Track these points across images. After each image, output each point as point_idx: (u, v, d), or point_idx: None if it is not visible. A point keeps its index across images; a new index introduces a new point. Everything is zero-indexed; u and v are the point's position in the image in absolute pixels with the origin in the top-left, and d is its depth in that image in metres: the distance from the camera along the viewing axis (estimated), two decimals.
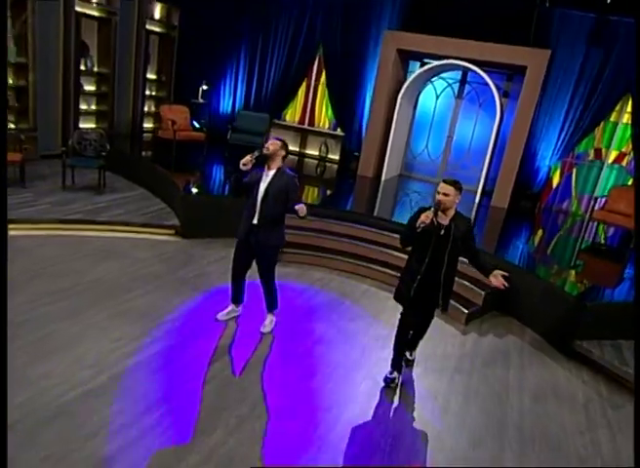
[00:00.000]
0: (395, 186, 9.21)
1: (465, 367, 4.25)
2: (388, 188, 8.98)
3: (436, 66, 8.58)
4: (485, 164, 8.57)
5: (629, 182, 8.41)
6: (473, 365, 4.29)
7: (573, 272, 6.21)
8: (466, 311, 5.11)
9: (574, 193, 8.94)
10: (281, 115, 10.57)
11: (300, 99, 10.42)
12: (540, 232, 8.04)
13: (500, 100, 8.38)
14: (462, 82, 9.49)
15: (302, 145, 10.64)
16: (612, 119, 8.45)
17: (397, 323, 3.81)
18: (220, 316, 4.25)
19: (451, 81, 9.57)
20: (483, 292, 5.32)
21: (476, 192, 8.89)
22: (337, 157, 10.31)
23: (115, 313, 4.16)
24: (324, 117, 10.43)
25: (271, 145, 3.76)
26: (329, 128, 10.46)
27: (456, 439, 3.39)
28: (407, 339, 3.92)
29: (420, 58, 9.27)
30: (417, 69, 9.18)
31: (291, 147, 9.95)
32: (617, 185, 8.07)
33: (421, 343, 4.16)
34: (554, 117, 8.55)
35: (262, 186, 3.75)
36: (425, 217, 3.31)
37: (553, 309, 5.04)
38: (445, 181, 3.45)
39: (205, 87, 10.04)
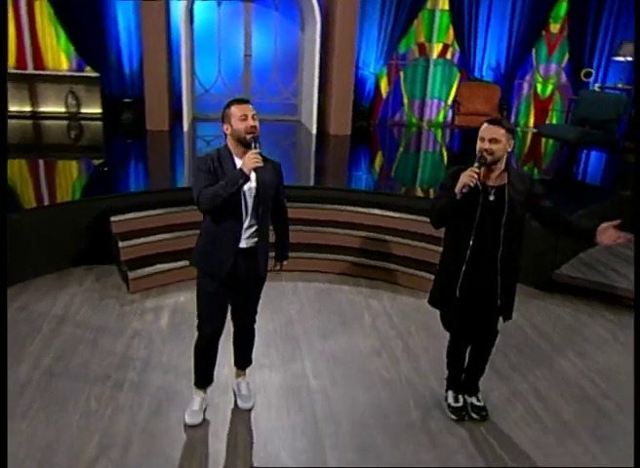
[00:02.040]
0: (209, 138, 8.06)
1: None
2: (204, 140, 7.87)
3: None
4: (314, 85, 7.84)
5: (456, 76, 8.72)
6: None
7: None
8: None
9: (405, 101, 8.98)
10: None
11: (12, 29, 7.73)
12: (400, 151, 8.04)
13: None
14: None
15: (34, 102, 8.20)
16: (428, 6, 8.51)
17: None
18: (191, 418, 3.13)
19: None
20: (439, 248, 4.73)
21: (299, 121, 8.23)
22: (96, 110, 8.21)
23: None
24: (58, 52, 8.06)
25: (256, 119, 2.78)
26: (70, 69, 8.13)
27: None
28: (463, 355, 3.32)
29: None
30: None
31: (16, 107, 7.67)
32: (462, 83, 8.26)
33: None
34: (369, 13, 8.22)
35: (249, 185, 2.80)
36: (470, 178, 2.76)
37: None
38: (491, 122, 2.85)
39: None
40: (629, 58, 7.94)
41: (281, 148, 7.61)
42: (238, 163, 2.77)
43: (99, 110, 8.41)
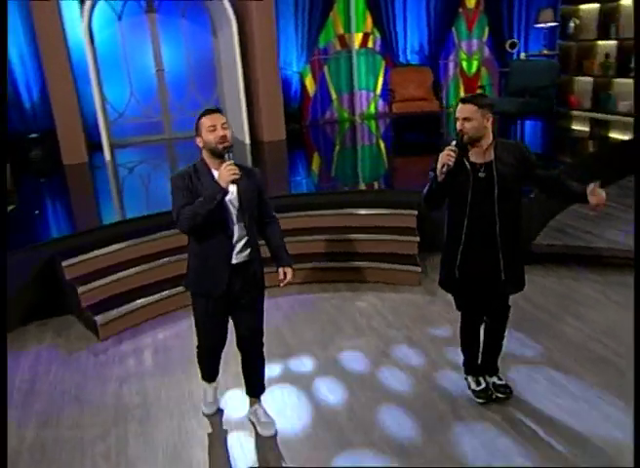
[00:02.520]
0: (131, 164, 7.92)
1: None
2: (128, 167, 7.68)
3: None
4: (240, 92, 7.91)
5: (381, 64, 9.04)
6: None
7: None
8: (418, 269, 5.01)
9: (334, 96, 9.18)
10: None
11: None
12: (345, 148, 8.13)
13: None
14: None
15: None
16: None
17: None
18: (208, 409, 3.48)
19: None
20: (417, 238, 4.96)
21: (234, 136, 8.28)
22: None
23: None
24: None
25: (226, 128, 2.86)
26: None
27: None
28: (477, 335, 3.47)
29: None
30: None
31: None
32: (393, 70, 8.56)
33: None
34: (282, 11, 8.37)
35: (230, 197, 2.87)
36: (448, 158, 2.92)
37: None
38: (462, 101, 3.03)
39: None
40: (550, 24, 8.52)
41: None
42: (216, 174, 2.82)
43: None
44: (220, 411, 3.50)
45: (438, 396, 3.54)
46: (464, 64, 9.78)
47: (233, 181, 2.75)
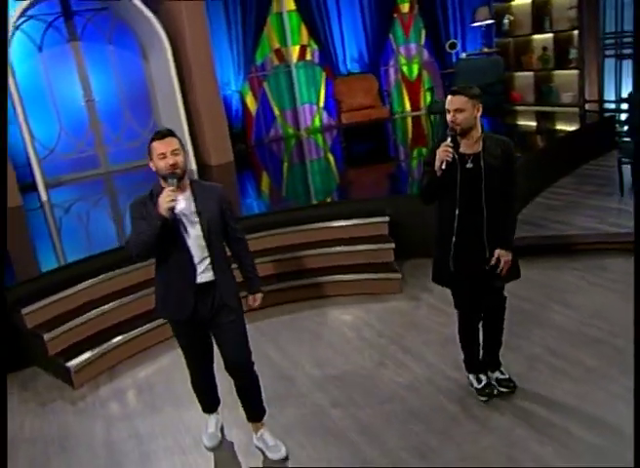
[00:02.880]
0: (69, 203, 7.78)
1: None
2: (66, 206, 7.57)
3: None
4: (181, 116, 7.91)
5: (322, 76, 9.28)
6: None
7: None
8: (398, 275, 5.16)
9: (277, 112, 9.35)
10: None
11: None
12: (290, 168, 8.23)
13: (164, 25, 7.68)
14: (68, 15, 8.22)
15: None
16: (275, 10, 9.00)
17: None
18: (210, 441, 3.49)
19: (50, 18, 8.17)
20: (392, 245, 5.22)
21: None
22: None
23: None
24: None
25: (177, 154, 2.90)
26: None
27: None
28: (476, 332, 3.61)
29: None
30: None
31: None
32: (337, 80, 8.77)
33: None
34: (214, 28, 8.48)
35: (189, 217, 2.97)
36: (445, 153, 3.09)
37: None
38: (453, 93, 3.14)
39: None
40: (487, 22, 8.97)
41: None
42: None
43: None
44: (223, 443, 3.52)
45: (445, 398, 3.64)
46: (405, 69, 10.14)
47: (171, 208, 2.80)
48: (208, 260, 3.00)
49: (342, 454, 3.29)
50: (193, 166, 8.25)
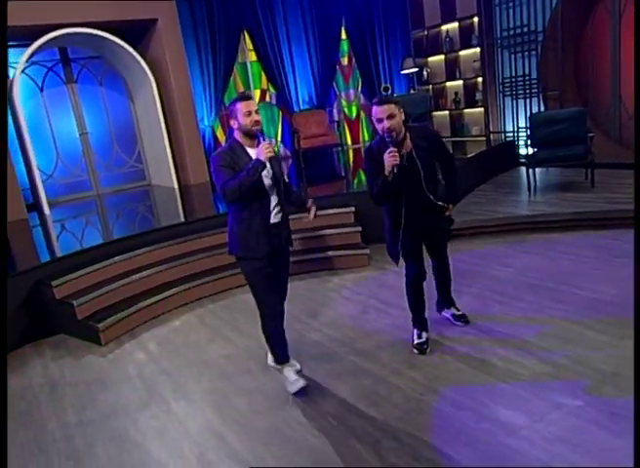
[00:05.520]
0: (67, 220, 7.62)
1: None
2: (62, 224, 7.43)
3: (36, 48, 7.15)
4: (165, 145, 8.00)
5: (279, 114, 9.54)
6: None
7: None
8: (367, 251, 5.33)
9: None
10: None
11: None
12: None
13: (152, 68, 7.79)
14: (65, 62, 8.19)
15: None
16: (240, 60, 9.24)
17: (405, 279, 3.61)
18: (294, 386, 3.19)
19: (50, 64, 8.11)
20: (359, 228, 5.38)
21: (150, 184, 8.81)
22: None
23: None
24: None
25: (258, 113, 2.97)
26: None
27: None
28: (422, 291, 3.60)
29: None
30: None
31: None
32: (295, 114, 9.02)
33: None
34: (193, 73, 8.64)
35: (265, 172, 2.96)
36: (393, 158, 3.00)
37: None
38: (380, 103, 3.08)
39: None
40: (412, 70, 9.50)
41: (147, 208, 7.57)
42: (250, 152, 2.94)
43: None
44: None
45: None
46: (346, 110, 10.53)
47: (270, 158, 2.85)
48: (279, 207, 3.07)
49: (336, 368, 3.43)
50: (175, 185, 8.26)
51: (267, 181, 2.99)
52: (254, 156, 2.88)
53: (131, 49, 7.75)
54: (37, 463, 2.88)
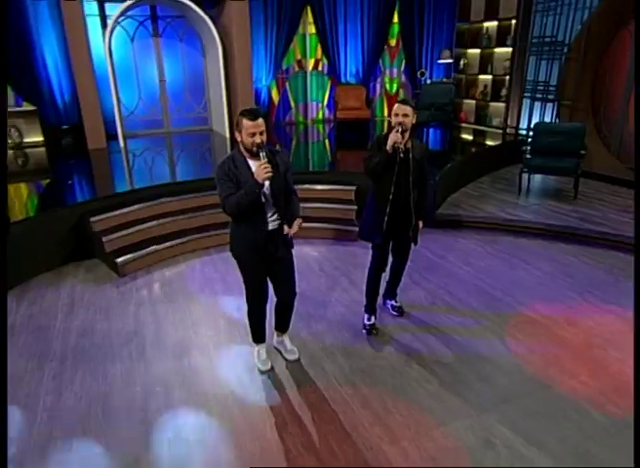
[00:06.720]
0: (143, 148, 7.45)
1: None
2: (137, 152, 7.24)
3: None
4: (223, 98, 7.62)
5: (328, 82, 8.91)
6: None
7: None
8: (356, 229, 4.89)
9: (293, 104, 9.02)
10: None
11: None
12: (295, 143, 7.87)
13: (219, 30, 7.30)
14: (154, 18, 7.78)
15: None
16: (300, 31, 8.55)
17: (369, 264, 3.35)
18: (264, 365, 3.03)
19: (141, 19, 7.74)
20: (355, 207, 5.04)
21: (211, 129, 8.43)
22: (39, 139, 7.36)
23: None
24: None
25: (263, 134, 2.54)
26: (9, 105, 7.21)
27: None
28: (379, 282, 3.39)
29: None
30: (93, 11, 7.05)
31: None
32: (337, 87, 8.44)
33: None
34: (256, 40, 8.11)
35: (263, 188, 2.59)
36: (396, 137, 2.88)
37: None
38: (402, 102, 2.97)
39: None
40: (448, 61, 8.58)
41: (205, 150, 7.39)
42: (251, 163, 2.54)
43: (40, 139, 7.53)
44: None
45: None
46: (388, 86, 9.76)
47: (269, 178, 2.49)
48: (276, 215, 2.67)
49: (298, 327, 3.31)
50: (227, 135, 8.00)
51: (265, 197, 2.60)
52: (254, 168, 2.50)
53: (204, 14, 7.27)
54: (31, 378, 2.96)
